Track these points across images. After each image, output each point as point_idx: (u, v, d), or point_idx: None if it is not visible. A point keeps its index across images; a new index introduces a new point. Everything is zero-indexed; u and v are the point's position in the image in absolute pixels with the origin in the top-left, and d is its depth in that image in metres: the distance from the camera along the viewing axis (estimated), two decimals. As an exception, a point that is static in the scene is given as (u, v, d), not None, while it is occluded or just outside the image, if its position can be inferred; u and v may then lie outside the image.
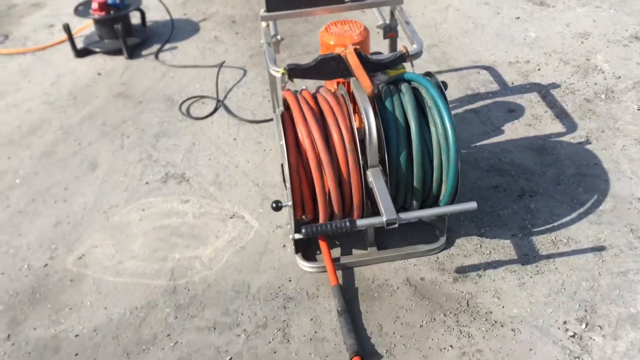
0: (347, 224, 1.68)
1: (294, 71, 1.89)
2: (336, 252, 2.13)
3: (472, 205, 1.71)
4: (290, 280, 2.06)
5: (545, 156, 2.47)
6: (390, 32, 2.37)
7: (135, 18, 3.66)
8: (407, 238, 2.15)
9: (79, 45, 3.46)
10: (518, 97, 2.82)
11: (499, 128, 2.65)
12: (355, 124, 1.85)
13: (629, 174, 2.35)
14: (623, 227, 2.13)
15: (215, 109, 2.93)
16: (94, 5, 3.35)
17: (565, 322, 1.84)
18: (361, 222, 1.70)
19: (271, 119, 2.81)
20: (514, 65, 3.05)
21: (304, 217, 2.01)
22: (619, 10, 3.43)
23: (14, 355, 1.90)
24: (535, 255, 2.06)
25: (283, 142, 1.83)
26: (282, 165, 2.18)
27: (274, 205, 1.90)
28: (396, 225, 1.69)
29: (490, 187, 2.35)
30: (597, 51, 3.09)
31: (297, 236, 2.04)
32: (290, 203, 1.88)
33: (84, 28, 3.62)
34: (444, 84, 1.94)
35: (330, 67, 1.89)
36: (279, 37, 2.30)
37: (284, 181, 1.90)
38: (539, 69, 3.00)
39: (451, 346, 1.81)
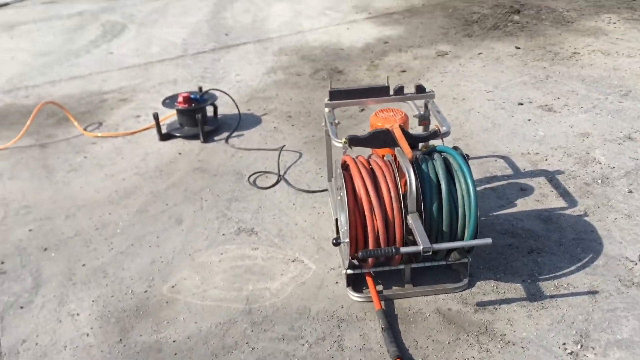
0: (393, 249, 2.23)
1: (353, 140, 2.52)
2: (379, 287, 2.65)
3: (488, 240, 2.26)
4: (342, 307, 2.57)
5: (550, 224, 3.01)
6: (423, 120, 3.02)
7: (209, 111, 4.41)
8: (436, 279, 2.67)
9: (163, 130, 4.19)
10: (529, 180, 3.41)
11: (512, 202, 3.22)
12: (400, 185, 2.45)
13: (619, 239, 2.87)
14: (613, 277, 2.63)
15: (277, 182, 3.56)
16: (180, 98, 4.13)
17: (564, 344, 2.31)
18: (404, 249, 2.25)
19: (324, 190, 3.42)
20: (525, 155, 3.67)
21: (354, 259, 2.56)
22: (615, 116, 4.07)
23: (126, 354, 2.41)
24: (541, 295, 2.56)
25: (343, 192, 2.42)
26: (336, 220, 2.77)
27: (334, 241, 2.46)
28: (430, 253, 2.23)
29: (504, 245, 2.88)
30: (595, 147, 3.70)
31: (349, 271, 2.58)
32: (346, 240, 2.44)
33: (167, 117, 4.36)
34: (467, 155, 2.55)
35: (380, 138, 2.53)
36: (336, 121, 2.96)
37: (337, 232, 2.45)
38: (546, 159, 3.61)
39: (473, 357, 2.28)
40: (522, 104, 4.32)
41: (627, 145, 3.69)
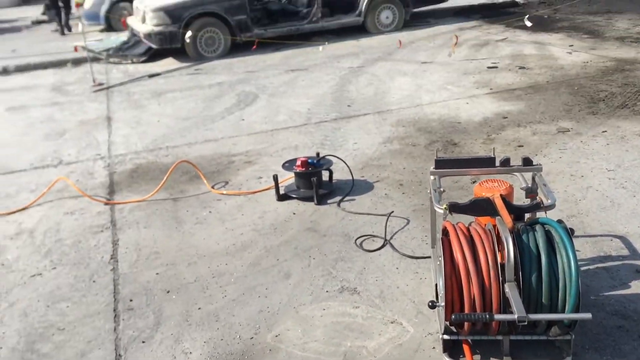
0: (487, 315, 2.25)
1: (454, 207, 2.60)
2: (477, 357, 2.63)
3: (587, 315, 2.21)
4: (436, 372, 2.59)
5: (667, 309, 2.85)
6: (531, 193, 3.02)
7: (325, 175, 4.66)
8: (537, 354, 2.61)
9: (281, 191, 4.49)
10: (646, 262, 3.25)
11: (626, 284, 3.08)
12: (498, 253, 2.48)
13: None
14: None
15: (383, 245, 3.67)
16: (298, 162, 4.43)
17: None
18: (498, 316, 2.26)
19: (428, 257, 3.48)
20: (645, 237, 3.51)
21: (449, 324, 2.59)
22: None
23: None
24: (650, 382, 2.42)
25: (441, 256, 2.49)
26: (435, 285, 2.82)
27: (430, 304, 2.52)
28: (525, 323, 2.23)
29: (614, 327, 2.76)
30: None
31: (446, 337, 2.60)
32: (442, 304, 2.49)
33: (286, 180, 4.67)
34: (572, 229, 2.54)
35: (481, 206, 2.59)
36: (442, 189, 3.05)
37: (436, 298, 2.51)
38: (668, 242, 3.42)
39: None
40: (645, 184, 4.15)
41: None
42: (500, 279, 2.42)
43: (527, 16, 8.68)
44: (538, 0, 12.27)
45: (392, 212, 4.08)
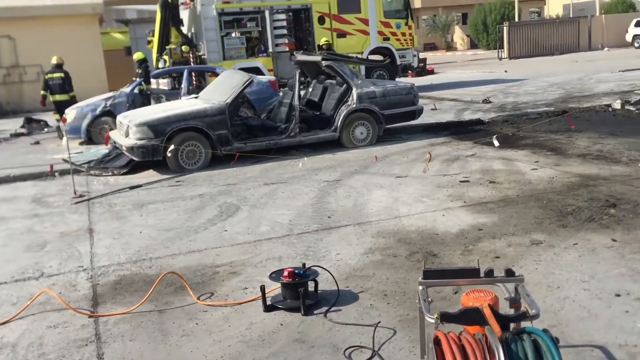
0: None
1: (445, 316, 2.72)
2: None
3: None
4: None
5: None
6: (514, 303, 3.16)
7: (311, 286, 4.74)
8: None
9: (268, 302, 4.54)
10: (628, 371, 3.36)
11: (610, 393, 3.17)
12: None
13: None
14: None
15: (372, 357, 3.73)
16: (285, 273, 4.53)
17: None
18: None
19: (418, 367, 3.52)
20: (623, 347, 3.64)
21: None
22: None
23: None
24: None
25: (435, 366, 2.57)
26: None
27: (426, 415, 2.55)
28: None
29: None
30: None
31: None
32: (438, 414, 2.54)
33: (272, 290, 4.74)
34: (557, 339, 2.66)
35: (471, 316, 2.71)
36: (430, 299, 3.17)
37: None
38: (646, 351, 3.55)
39: None
40: (619, 296, 4.33)
41: None
42: (493, 387, 2.50)
43: (495, 136, 9.23)
44: (502, 119, 13.04)
45: (379, 322, 4.15)
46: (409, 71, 21.54)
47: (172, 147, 9.65)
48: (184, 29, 17.30)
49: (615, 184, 7.24)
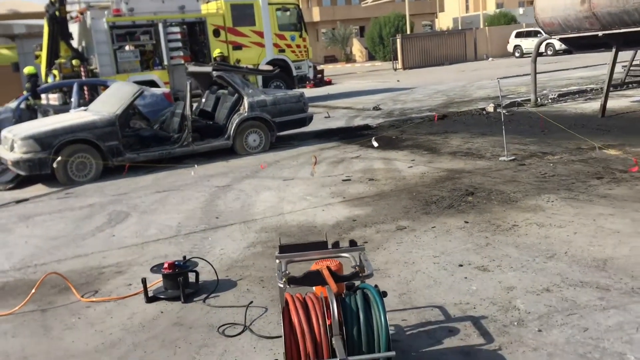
0: (316, 361, 2.76)
1: (291, 280, 3.17)
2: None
3: (392, 353, 2.79)
4: None
5: (469, 357, 3.50)
6: (360, 269, 3.67)
7: (192, 277, 5.06)
8: (366, 401, 3.12)
9: (150, 294, 4.82)
10: (457, 324, 3.94)
11: (440, 341, 3.73)
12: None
13: (527, 366, 3.35)
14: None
15: (242, 331, 4.11)
16: (165, 265, 4.82)
17: None
18: (324, 361, 2.77)
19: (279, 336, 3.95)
20: (457, 305, 4.25)
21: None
22: (538, 274, 4.69)
23: None
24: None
25: (282, 322, 3.00)
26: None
27: (274, 363, 2.98)
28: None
29: None
30: (517, 297, 4.27)
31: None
32: (284, 361, 2.96)
33: (155, 284, 5.01)
34: (385, 292, 3.17)
35: (313, 278, 3.17)
36: (287, 271, 3.61)
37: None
38: (474, 308, 4.16)
39: None
40: (462, 266, 4.98)
41: (544, 295, 4.28)
42: (329, 334, 2.96)
43: (374, 137, 9.90)
44: (389, 124, 13.88)
45: (252, 302, 4.55)
46: (307, 82, 22.23)
47: (59, 158, 9.60)
48: (74, 43, 17.03)
49: (477, 176, 8.07)
